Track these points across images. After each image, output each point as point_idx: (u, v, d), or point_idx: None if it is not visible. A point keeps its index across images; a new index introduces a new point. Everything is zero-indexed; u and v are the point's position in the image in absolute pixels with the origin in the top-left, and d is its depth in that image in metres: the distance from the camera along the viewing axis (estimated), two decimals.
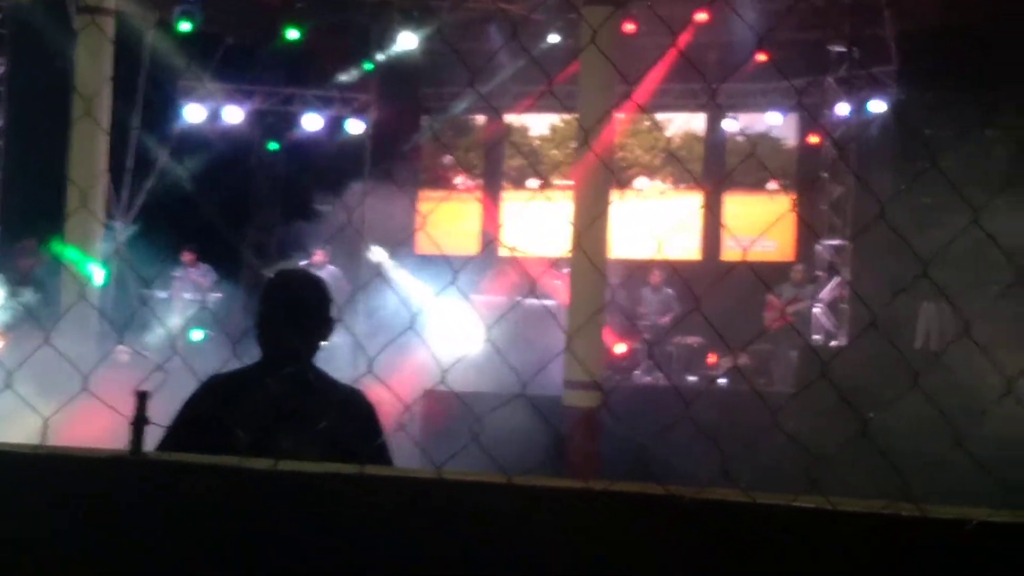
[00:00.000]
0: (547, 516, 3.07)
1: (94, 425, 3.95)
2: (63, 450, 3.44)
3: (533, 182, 28.80)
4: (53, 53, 21.56)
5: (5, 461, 3.42)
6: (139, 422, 3.41)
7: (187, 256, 23.93)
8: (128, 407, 3.61)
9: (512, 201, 28.29)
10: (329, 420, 4.86)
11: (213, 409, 5.00)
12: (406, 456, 4.77)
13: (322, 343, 5.23)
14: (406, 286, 22.05)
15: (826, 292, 24.47)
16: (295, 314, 5.14)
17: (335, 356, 5.32)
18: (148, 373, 3.56)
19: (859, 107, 24.69)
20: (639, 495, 3.05)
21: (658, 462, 3.60)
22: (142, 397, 3.48)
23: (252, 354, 5.13)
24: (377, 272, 23.92)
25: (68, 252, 19.13)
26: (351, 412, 5.03)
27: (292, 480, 3.25)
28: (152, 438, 3.64)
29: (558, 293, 20.55)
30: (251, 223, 28.26)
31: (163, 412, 3.93)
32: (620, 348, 22.08)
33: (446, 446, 3.61)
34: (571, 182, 19.95)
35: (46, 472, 3.41)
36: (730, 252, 26.22)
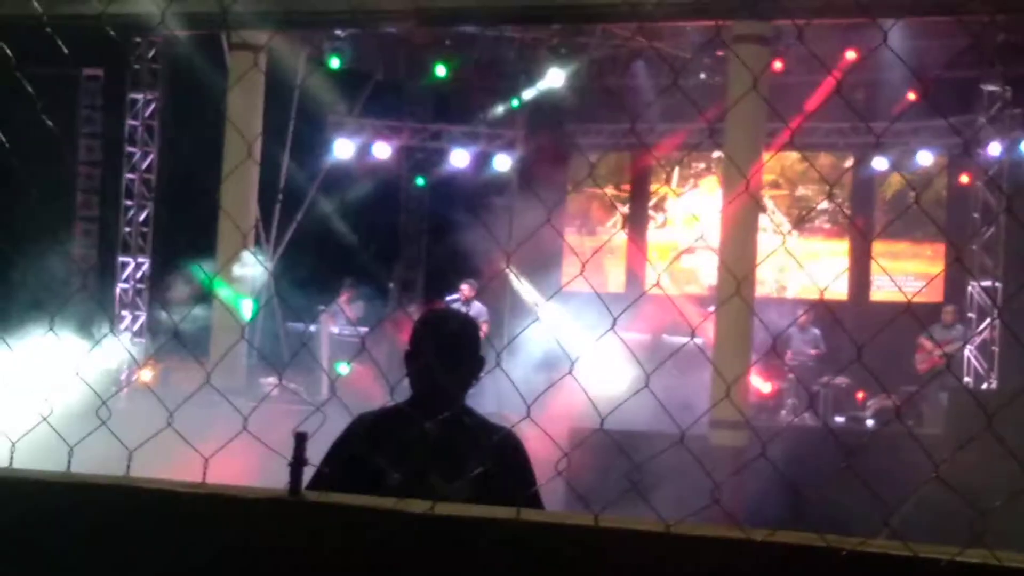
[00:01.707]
0: (705, 567, 3.03)
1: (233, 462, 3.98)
2: (222, 488, 3.47)
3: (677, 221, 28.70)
4: (206, 88, 21.89)
5: (168, 499, 3.46)
6: (297, 463, 3.43)
7: (345, 294, 24.03)
8: (279, 444, 3.63)
9: (658, 237, 28.23)
10: (482, 462, 4.85)
11: (364, 448, 5.02)
12: (547, 494, 4.76)
13: (473, 382, 5.23)
14: (554, 323, 22.02)
15: (977, 334, 24.09)
16: (449, 353, 5.13)
17: (477, 392, 5.31)
18: (307, 415, 3.58)
19: (1011, 147, 24.31)
20: (798, 547, 3.00)
21: (811, 507, 3.56)
22: (301, 438, 3.49)
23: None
24: (530, 311, 23.91)
25: (219, 285, 19.36)
26: (504, 455, 5.01)
27: (448, 524, 3.25)
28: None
29: (703, 331, 20.43)
30: (398, 258, 28.45)
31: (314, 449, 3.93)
32: (766, 388, 21.92)
33: (592, 486, 3.59)
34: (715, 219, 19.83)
35: (206, 510, 3.44)
36: (878, 292, 25.93)
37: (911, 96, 22.51)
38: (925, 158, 25.59)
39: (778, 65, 23.66)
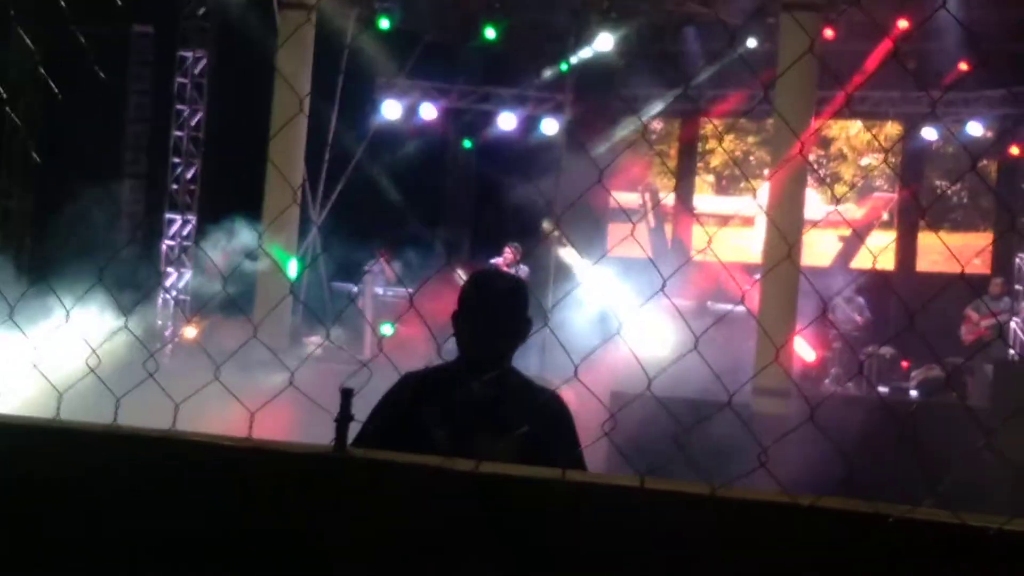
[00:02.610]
0: (750, 530, 3.02)
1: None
2: (268, 443, 3.47)
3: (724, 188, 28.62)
4: (255, 47, 21.89)
5: (213, 452, 3.47)
6: (343, 419, 3.43)
7: (383, 253, 24.10)
8: (324, 403, 3.64)
9: (705, 204, 28.18)
10: (527, 423, 4.86)
11: (410, 407, 5.03)
12: (589, 456, 4.75)
13: (520, 343, 5.22)
14: (599, 287, 21.97)
15: None
16: (497, 314, 5.13)
17: (521, 354, 5.30)
18: (354, 371, 3.58)
19: None
20: (845, 512, 2.99)
21: (857, 474, 3.54)
22: (347, 394, 3.50)
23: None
24: (574, 275, 23.88)
25: (266, 243, 19.39)
26: (549, 417, 5.01)
27: (493, 482, 3.25)
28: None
29: (748, 299, 20.37)
30: (443, 220, 28.45)
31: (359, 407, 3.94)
32: (810, 356, 21.85)
33: (635, 449, 3.58)
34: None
35: (251, 464, 3.44)
36: (924, 262, 25.82)
37: (963, 66, 22.35)
38: (975, 129, 25.40)
39: (828, 33, 23.51)
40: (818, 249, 25.79)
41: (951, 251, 23.52)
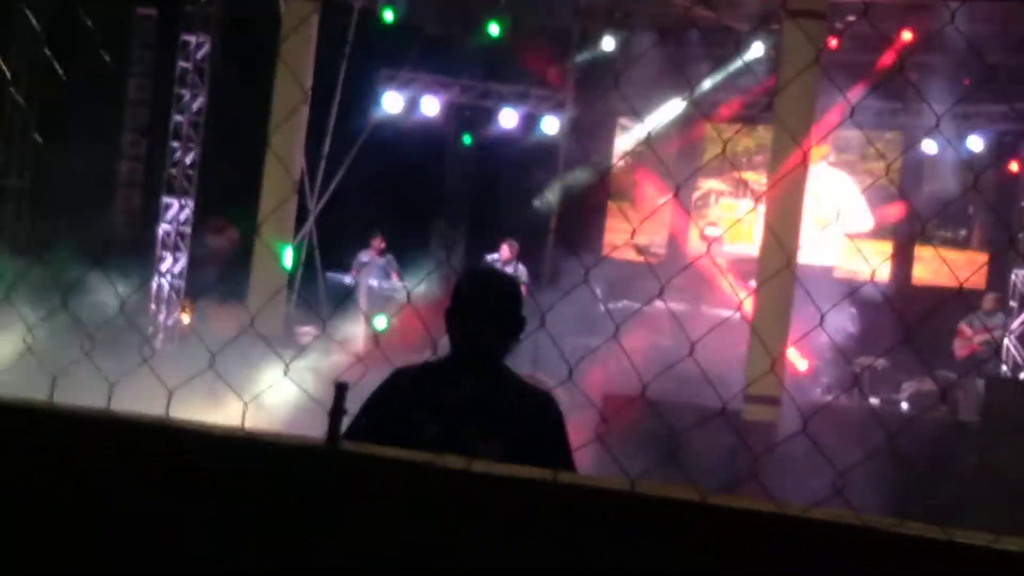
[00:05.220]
0: (739, 538, 3.02)
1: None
2: (260, 434, 3.47)
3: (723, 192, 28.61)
4: (258, 34, 21.89)
5: (204, 441, 3.47)
6: (336, 413, 3.43)
7: (377, 242, 24.11)
8: (316, 393, 3.64)
9: (704, 207, 28.17)
10: (518, 423, 4.87)
11: (401, 402, 5.03)
12: (579, 459, 4.76)
13: (513, 343, 5.23)
14: (595, 288, 21.95)
15: (1017, 323, 23.93)
16: (490, 312, 5.13)
17: (514, 353, 5.31)
18: (345, 367, 3.58)
19: None
20: (832, 523, 2.99)
21: (846, 486, 3.54)
22: (341, 388, 3.50)
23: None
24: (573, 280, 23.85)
25: (262, 233, 19.41)
26: (541, 417, 5.03)
27: (484, 482, 3.25)
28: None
29: (744, 304, 20.38)
30: (441, 215, 28.43)
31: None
32: (802, 365, 21.85)
33: (625, 452, 3.59)
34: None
35: (242, 455, 3.44)
36: (921, 275, 25.84)
37: (965, 81, 22.37)
38: (975, 143, 25.42)
39: (833, 43, 23.53)
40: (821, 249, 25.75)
41: (949, 265, 23.57)
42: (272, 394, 4.01)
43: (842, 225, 25.48)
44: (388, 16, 25.20)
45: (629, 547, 3.08)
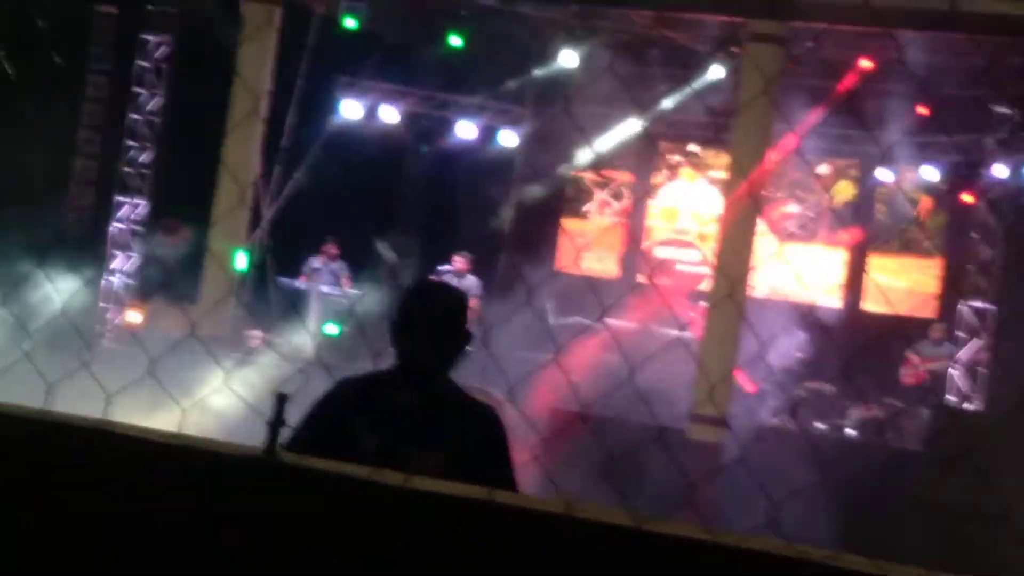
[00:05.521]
0: (674, 565, 3.02)
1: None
2: (198, 441, 3.45)
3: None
4: (218, 36, 21.82)
5: (142, 446, 3.45)
6: (276, 424, 3.42)
7: (329, 249, 24.08)
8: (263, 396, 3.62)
9: (657, 228, 28.21)
10: (459, 437, 4.85)
11: (342, 412, 5.02)
12: (524, 468, 4.75)
13: (459, 356, 5.21)
14: (544, 304, 21.93)
15: (964, 353, 24.03)
16: (434, 326, 5.11)
17: (464, 366, 5.29)
18: (290, 375, 3.57)
19: (1016, 169, 24.25)
20: (767, 554, 2.99)
21: (785, 512, 3.55)
22: (281, 399, 3.48)
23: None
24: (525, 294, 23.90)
25: (214, 235, 19.34)
26: (482, 431, 5.01)
27: (421, 498, 3.24)
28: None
29: (693, 326, 20.42)
30: (394, 224, 28.37)
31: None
32: (748, 387, 21.89)
33: (568, 466, 3.59)
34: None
35: (179, 462, 3.42)
36: (871, 303, 25.94)
37: (921, 110, 22.50)
38: (929, 173, 25.54)
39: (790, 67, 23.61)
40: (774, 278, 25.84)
41: (887, 299, 23.63)
42: (220, 397, 3.99)
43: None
44: (349, 23, 25.12)
45: (563, 570, 3.08)
